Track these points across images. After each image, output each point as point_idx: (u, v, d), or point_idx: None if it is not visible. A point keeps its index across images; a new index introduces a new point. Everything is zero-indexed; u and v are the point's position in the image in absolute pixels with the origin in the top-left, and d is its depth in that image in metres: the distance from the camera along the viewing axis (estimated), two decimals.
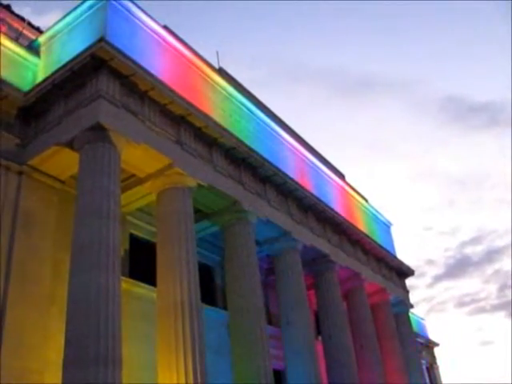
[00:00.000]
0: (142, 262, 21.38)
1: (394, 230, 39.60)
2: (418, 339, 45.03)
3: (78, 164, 16.13)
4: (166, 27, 20.19)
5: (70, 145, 16.55)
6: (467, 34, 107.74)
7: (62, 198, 18.04)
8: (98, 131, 15.89)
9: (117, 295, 14.30)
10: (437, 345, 55.38)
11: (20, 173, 17.18)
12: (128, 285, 18.92)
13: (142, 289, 19.93)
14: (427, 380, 46.17)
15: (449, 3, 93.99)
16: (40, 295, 16.33)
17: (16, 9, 24.40)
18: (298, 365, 22.29)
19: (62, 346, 13.77)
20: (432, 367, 53.07)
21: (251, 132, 23.63)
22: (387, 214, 39.16)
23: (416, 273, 38.99)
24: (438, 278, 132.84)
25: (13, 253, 16.05)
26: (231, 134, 20.77)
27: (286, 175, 24.13)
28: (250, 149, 21.80)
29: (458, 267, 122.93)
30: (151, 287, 18.94)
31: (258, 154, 22.24)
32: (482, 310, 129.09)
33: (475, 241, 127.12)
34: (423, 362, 47.15)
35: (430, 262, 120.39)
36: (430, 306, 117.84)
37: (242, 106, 23.81)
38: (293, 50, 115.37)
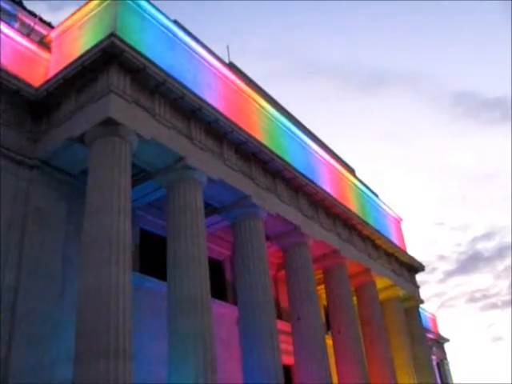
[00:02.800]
0: (152, 256, 21.50)
1: (405, 225, 39.49)
2: (428, 335, 44.89)
3: (89, 158, 16.20)
4: (176, 22, 20.19)
5: (80, 139, 16.60)
6: (481, 31, 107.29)
7: (72, 192, 18.11)
8: (109, 126, 15.94)
9: (127, 289, 14.36)
10: (447, 340, 55.21)
11: (31, 167, 17.28)
12: (138, 279, 18.98)
13: (152, 283, 20.00)
14: (437, 376, 45.99)
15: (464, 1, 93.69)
16: (51, 288, 16.43)
17: (32, 6, 24.53)
18: (307, 359, 22.28)
19: (73, 338, 13.89)
20: (442, 363, 52.92)
21: (261, 127, 23.60)
22: (398, 209, 39.11)
23: (427, 268, 38.92)
24: (449, 274, 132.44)
25: (24, 246, 16.18)
26: (241, 129, 20.75)
27: (296, 170, 24.10)
28: (260, 143, 21.79)
29: (470, 263, 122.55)
30: (161, 281, 18.99)
31: (268, 148, 22.22)
32: (494, 306, 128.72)
33: (487, 237, 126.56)
34: (433, 357, 47.05)
35: (442, 258, 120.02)
36: (441, 301, 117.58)
37: (252, 101, 23.79)
38: (306, 44, 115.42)
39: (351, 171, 34.28)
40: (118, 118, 15.97)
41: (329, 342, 26.18)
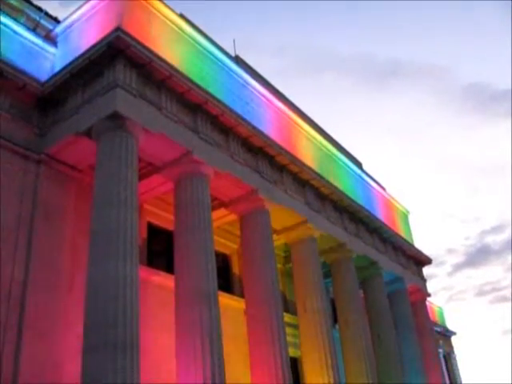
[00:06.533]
0: (159, 250, 21.58)
1: (414, 218, 39.51)
2: (436, 328, 44.86)
3: (96, 153, 16.24)
4: (182, 15, 20.18)
5: (87, 134, 16.64)
6: (492, 23, 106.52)
7: (80, 186, 18.18)
8: (116, 120, 15.96)
9: (135, 283, 14.42)
10: (454, 334, 55.17)
11: (38, 162, 17.33)
12: (146, 273, 19.04)
13: (159, 277, 20.07)
14: (444, 369, 45.97)
15: None
16: (59, 282, 16.53)
17: (44, 4, 24.43)
18: (314, 352, 22.34)
19: (81, 332, 13.96)
20: (449, 356, 52.88)
21: (268, 120, 23.59)
22: (406, 202, 39.02)
23: (436, 261, 39.02)
24: (458, 267, 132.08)
25: (32, 241, 16.24)
26: (248, 123, 20.74)
27: (303, 164, 24.09)
28: (267, 137, 21.79)
29: (479, 256, 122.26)
30: (169, 275, 19.06)
31: (275, 142, 22.22)
32: (504, 299, 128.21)
33: (496, 229, 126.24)
34: (440, 350, 47.02)
35: (451, 251, 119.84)
36: (450, 294, 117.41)
37: (258, 94, 23.77)
38: (318, 38, 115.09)
39: (358, 164, 34.24)
40: (124, 112, 15.99)
41: (336, 335, 26.27)
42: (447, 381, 46.02)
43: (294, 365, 24.25)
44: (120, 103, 16.00)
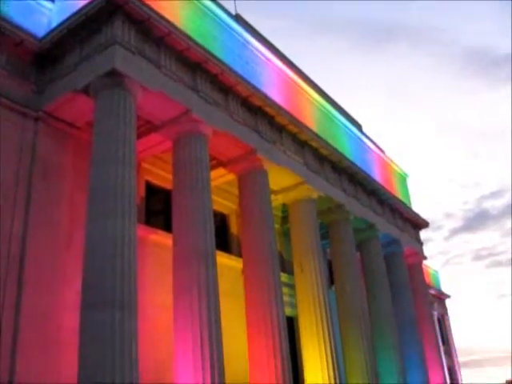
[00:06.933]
0: (157, 209, 21.65)
1: (412, 182, 39.48)
2: (430, 291, 45.35)
3: (94, 110, 16.12)
4: None
5: (85, 91, 16.49)
6: None
7: (78, 143, 18.11)
8: (114, 77, 15.80)
9: (133, 241, 14.48)
10: (448, 297, 55.85)
11: (36, 119, 17.22)
12: (144, 231, 19.14)
13: (157, 236, 20.16)
14: (438, 331, 46.61)
15: None
16: (58, 239, 16.63)
17: None
18: (310, 312, 22.61)
19: (79, 288, 14.10)
20: (443, 318, 53.63)
21: (268, 80, 23.38)
22: (405, 166, 39.00)
23: (433, 225, 39.30)
24: (455, 231, 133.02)
25: (31, 197, 16.28)
26: (248, 82, 20.56)
27: (303, 124, 23.98)
28: (267, 97, 21.62)
29: (477, 221, 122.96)
30: (167, 234, 19.15)
31: (274, 102, 22.07)
32: (499, 264, 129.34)
33: (496, 194, 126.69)
34: (434, 313, 47.65)
35: (448, 215, 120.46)
36: (447, 258, 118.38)
37: (258, 54, 23.50)
38: (314, 0, 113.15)
39: (358, 126, 34.11)
40: (122, 69, 15.81)
41: (332, 296, 26.54)
42: (440, 342, 46.66)
43: (291, 324, 24.54)
44: (118, 60, 15.79)
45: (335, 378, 21.59)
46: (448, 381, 43.06)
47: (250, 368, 18.96)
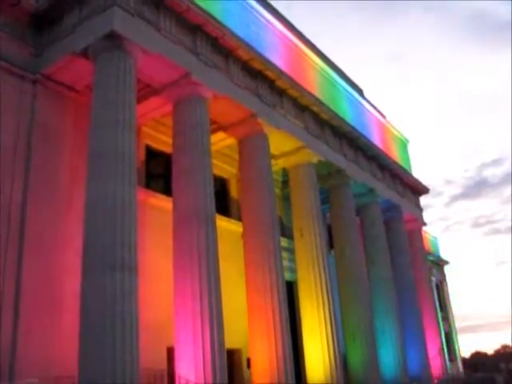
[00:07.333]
0: (157, 172, 21.64)
1: (414, 148, 39.36)
2: (429, 257, 45.57)
3: (93, 73, 15.97)
4: None
5: (84, 54, 16.32)
6: None
7: (77, 107, 17.99)
8: (113, 39, 15.62)
9: (133, 204, 14.53)
10: (447, 263, 56.18)
11: (35, 82, 17.06)
12: (144, 195, 19.17)
13: (157, 199, 20.20)
14: (436, 296, 46.99)
15: None
16: (58, 202, 16.66)
17: None
18: (309, 276, 22.78)
19: (80, 251, 14.20)
20: (441, 284, 54.03)
21: (269, 43, 23.09)
22: (408, 131, 38.85)
23: (434, 192, 39.40)
24: (455, 198, 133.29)
25: (30, 161, 16.26)
26: (248, 45, 20.32)
27: (303, 88, 23.80)
28: (267, 61, 21.41)
29: (476, 188, 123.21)
30: (167, 198, 19.17)
31: (275, 66, 21.86)
32: (498, 231, 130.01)
33: (497, 162, 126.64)
34: (433, 279, 47.97)
35: (449, 182, 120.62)
36: (447, 225, 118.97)
37: (259, 17, 23.17)
38: None
39: (359, 91, 33.85)
40: (122, 31, 15.62)
41: (332, 260, 26.68)
42: (438, 307, 47.06)
43: (290, 288, 24.73)
44: (117, 22, 15.58)
45: (334, 342, 21.86)
46: (445, 345, 43.54)
47: (249, 329, 19.21)
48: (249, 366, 19.90)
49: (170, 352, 17.20)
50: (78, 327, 13.40)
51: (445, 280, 55.45)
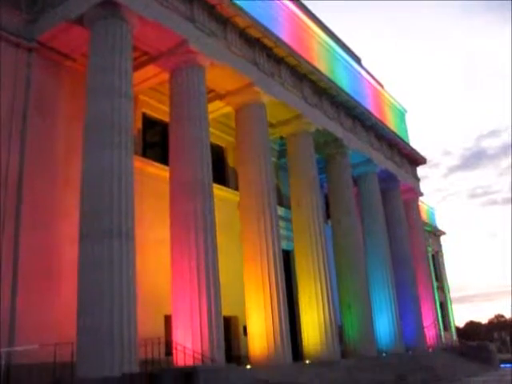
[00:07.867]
0: (154, 141, 21.57)
1: (412, 119, 39.22)
2: (425, 227, 45.72)
3: (89, 41, 15.80)
4: None
5: (79, 21, 16.09)
6: None
7: (73, 75, 17.82)
8: (109, 7, 15.40)
9: (129, 173, 14.54)
10: (443, 233, 56.37)
11: (30, 50, 16.87)
12: (141, 164, 19.08)
13: (154, 168, 20.16)
14: (431, 266, 47.28)
15: None
16: (55, 172, 16.65)
17: None
18: (306, 246, 22.88)
19: (77, 221, 14.24)
20: (437, 255, 54.27)
21: (267, 12, 22.79)
22: (406, 102, 38.65)
23: (431, 163, 39.42)
24: (452, 169, 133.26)
25: (27, 130, 16.18)
26: (246, 13, 20.05)
27: (301, 57, 23.58)
28: (265, 28, 21.16)
29: (474, 159, 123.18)
30: (164, 166, 19.15)
31: (272, 33, 21.62)
32: (494, 202, 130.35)
33: (495, 133, 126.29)
34: (429, 249, 48.19)
35: (447, 153, 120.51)
36: (443, 195, 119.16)
37: None
38: None
39: (357, 60, 33.59)
40: None
41: (329, 231, 26.75)
42: (434, 278, 47.37)
43: (287, 257, 24.86)
44: None
45: (330, 311, 22.06)
46: (439, 315, 43.96)
47: (245, 298, 19.33)
48: (245, 333, 20.08)
49: (168, 320, 17.34)
50: (75, 295, 13.50)
51: (441, 250, 55.69)
